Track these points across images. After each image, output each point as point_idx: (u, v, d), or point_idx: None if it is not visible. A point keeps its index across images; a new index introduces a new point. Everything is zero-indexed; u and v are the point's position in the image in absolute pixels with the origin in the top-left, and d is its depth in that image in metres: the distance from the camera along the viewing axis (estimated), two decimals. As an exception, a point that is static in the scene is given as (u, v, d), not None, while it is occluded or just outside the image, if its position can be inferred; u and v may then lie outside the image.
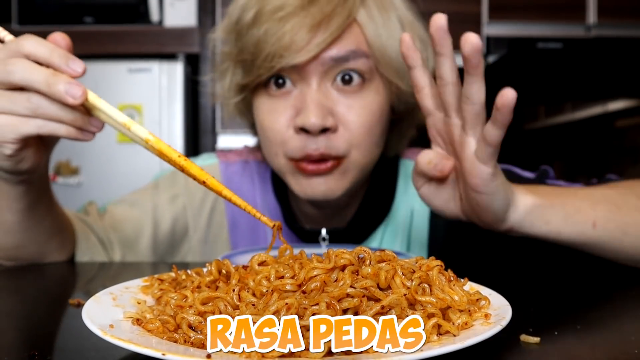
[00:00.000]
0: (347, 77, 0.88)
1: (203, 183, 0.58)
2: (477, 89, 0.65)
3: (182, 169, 0.59)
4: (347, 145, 0.89)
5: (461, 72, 0.67)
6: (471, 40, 0.62)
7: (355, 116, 0.88)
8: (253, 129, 1.03)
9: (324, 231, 1.00)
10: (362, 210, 1.02)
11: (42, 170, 0.79)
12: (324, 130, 0.87)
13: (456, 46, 1.02)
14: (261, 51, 0.86)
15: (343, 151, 0.89)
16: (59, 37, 0.69)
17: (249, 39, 0.88)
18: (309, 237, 1.02)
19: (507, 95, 0.61)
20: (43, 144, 0.74)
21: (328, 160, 0.89)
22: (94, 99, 0.64)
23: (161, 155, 0.60)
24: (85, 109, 0.65)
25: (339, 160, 0.90)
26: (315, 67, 0.87)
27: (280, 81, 0.89)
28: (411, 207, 1.04)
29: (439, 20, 0.66)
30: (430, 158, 0.73)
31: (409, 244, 1.04)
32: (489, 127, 0.65)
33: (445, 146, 0.75)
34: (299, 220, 1.05)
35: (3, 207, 0.79)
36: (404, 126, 1.03)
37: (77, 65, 0.65)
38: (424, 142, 1.14)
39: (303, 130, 0.87)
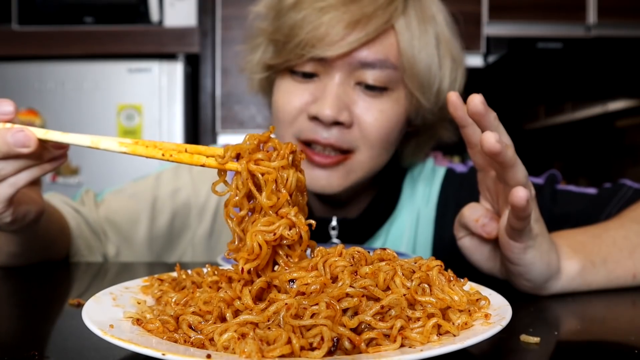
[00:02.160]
0: (369, 84, 0.89)
1: (203, 165, 0.57)
2: (511, 175, 0.60)
3: (175, 162, 0.59)
4: (359, 142, 0.90)
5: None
6: (489, 144, 0.55)
7: (372, 118, 0.89)
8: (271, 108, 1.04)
9: (334, 220, 1.00)
10: (374, 204, 1.02)
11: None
12: (337, 124, 0.88)
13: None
14: (295, 36, 0.87)
15: (353, 146, 0.90)
16: None
17: (287, 20, 0.89)
18: (319, 226, 1.02)
19: (519, 194, 0.56)
20: (32, 189, 0.73)
21: (334, 155, 0.90)
22: (45, 135, 0.61)
23: (148, 157, 0.60)
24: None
25: (346, 156, 0.91)
26: (342, 64, 0.88)
27: (308, 75, 0.90)
28: (417, 210, 1.05)
29: (473, 103, 0.59)
30: (479, 216, 0.68)
31: (415, 246, 1.04)
32: (510, 214, 0.60)
33: (492, 203, 0.71)
34: (311, 210, 1.05)
35: (11, 245, 0.81)
36: (421, 140, 1.03)
37: (5, 106, 0.61)
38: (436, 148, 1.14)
39: (316, 119, 0.88)
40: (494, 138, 0.55)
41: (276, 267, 0.52)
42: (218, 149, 0.57)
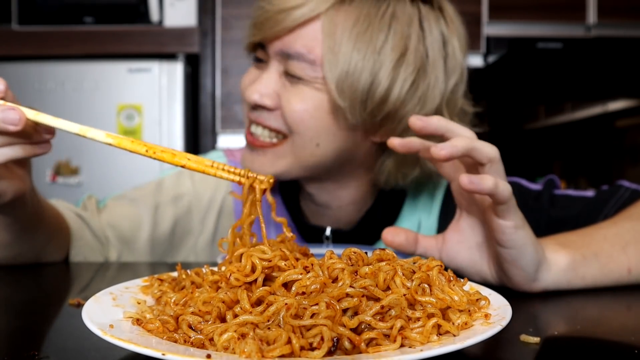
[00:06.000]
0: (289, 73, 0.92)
1: (183, 167, 0.61)
2: (477, 154, 0.65)
3: (157, 160, 0.61)
4: (280, 124, 0.92)
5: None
6: (436, 155, 0.63)
7: (290, 105, 0.90)
8: None
9: (328, 230, 1.00)
10: (371, 214, 1.02)
11: (30, 192, 0.78)
12: (261, 107, 0.92)
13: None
14: (251, 21, 0.95)
15: (276, 126, 0.92)
16: None
17: (253, 9, 0.96)
18: (313, 233, 1.01)
19: (463, 181, 0.61)
20: (17, 168, 0.73)
21: (267, 141, 0.94)
22: (36, 116, 0.62)
23: (130, 151, 0.61)
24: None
25: (279, 142, 0.93)
26: (275, 52, 0.91)
27: (260, 60, 0.96)
28: (418, 219, 1.04)
29: (411, 123, 0.69)
30: (401, 241, 0.75)
31: None
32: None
33: (469, 208, 0.73)
34: (305, 217, 1.05)
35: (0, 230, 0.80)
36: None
37: None
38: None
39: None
40: (436, 149, 0.63)
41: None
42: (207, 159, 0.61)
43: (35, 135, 0.65)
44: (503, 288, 0.69)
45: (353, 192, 1.01)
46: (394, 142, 0.72)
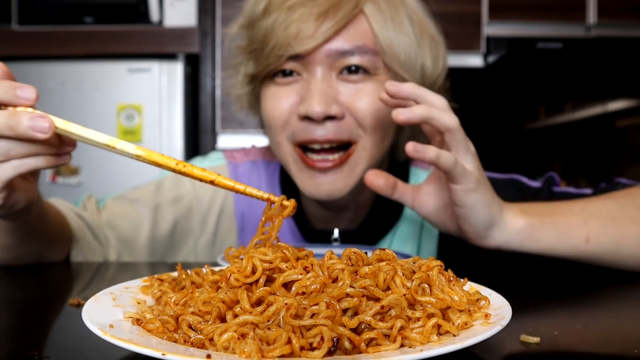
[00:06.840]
0: (352, 68, 0.90)
1: (211, 183, 0.58)
2: (436, 122, 0.71)
3: (185, 175, 0.59)
4: (356, 129, 0.90)
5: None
6: (396, 119, 0.72)
7: (362, 102, 0.89)
8: (263, 126, 1.03)
9: (336, 232, 1.00)
10: (374, 213, 1.01)
11: (36, 198, 0.77)
12: (330, 119, 0.88)
13: (456, 46, 1.02)
14: (270, 40, 0.88)
15: (353, 136, 0.90)
16: None
17: (259, 29, 0.91)
18: (320, 238, 1.01)
19: (408, 149, 0.70)
20: (30, 176, 0.72)
21: (335, 151, 0.89)
22: (65, 125, 0.60)
23: (158, 166, 0.60)
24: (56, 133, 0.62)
25: (348, 152, 0.90)
26: (321, 57, 0.88)
27: (287, 71, 0.91)
28: (421, 218, 1.04)
29: (387, 88, 0.75)
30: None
31: (419, 251, 1.04)
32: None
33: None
34: (309, 221, 1.04)
35: (3, 235, 0.80)
36: (415, 127, 1.02)
37: (28, 92, 0.61)
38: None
39: (307, 118, 0.88)
40: (396, 113, 0.72)
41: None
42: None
43: (56, 145, 0.64)
44: (503, 289, 0.69)
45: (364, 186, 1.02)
46: (410, 148, 0.74)
